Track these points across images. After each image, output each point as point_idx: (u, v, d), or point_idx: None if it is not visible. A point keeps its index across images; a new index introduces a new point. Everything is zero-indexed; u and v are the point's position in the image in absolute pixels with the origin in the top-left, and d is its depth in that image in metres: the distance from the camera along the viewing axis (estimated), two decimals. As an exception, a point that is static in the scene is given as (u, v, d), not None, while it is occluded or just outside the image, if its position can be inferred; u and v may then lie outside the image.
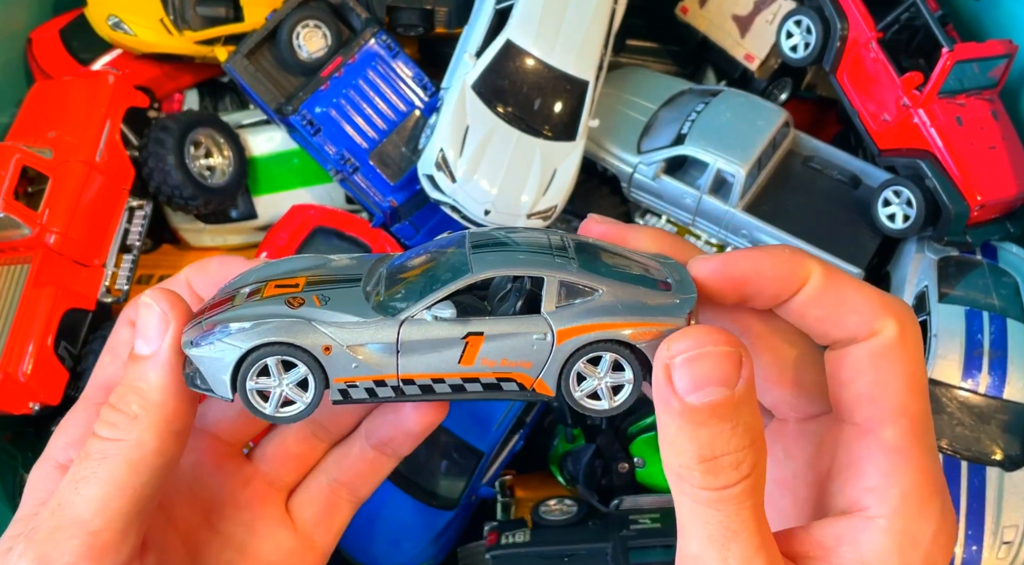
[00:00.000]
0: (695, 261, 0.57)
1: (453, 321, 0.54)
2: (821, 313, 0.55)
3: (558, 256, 0.56)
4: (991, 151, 1.39)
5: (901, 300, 0.56)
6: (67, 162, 1.41)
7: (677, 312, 0.54)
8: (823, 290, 0.55)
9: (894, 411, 0.53)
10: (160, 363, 0.57)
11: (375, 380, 0.56)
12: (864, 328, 0.54)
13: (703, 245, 1.56)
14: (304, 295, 0.57)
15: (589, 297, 0.55)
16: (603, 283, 0.55)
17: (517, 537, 1.32)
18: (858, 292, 0.55)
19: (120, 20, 1.52)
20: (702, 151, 1.45)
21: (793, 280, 0.55)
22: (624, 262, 0.58)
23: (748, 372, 0.50)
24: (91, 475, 0.56)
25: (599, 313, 0.54)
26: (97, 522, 0.55)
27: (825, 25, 1.44)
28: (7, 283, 1.37)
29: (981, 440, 1.26)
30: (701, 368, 0.49)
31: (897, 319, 0.54)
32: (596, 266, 0.56)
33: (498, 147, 1.39)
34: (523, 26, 1.39)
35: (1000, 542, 1.19)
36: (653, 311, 0.54)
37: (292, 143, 1.60)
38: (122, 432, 0.56)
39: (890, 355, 0.54)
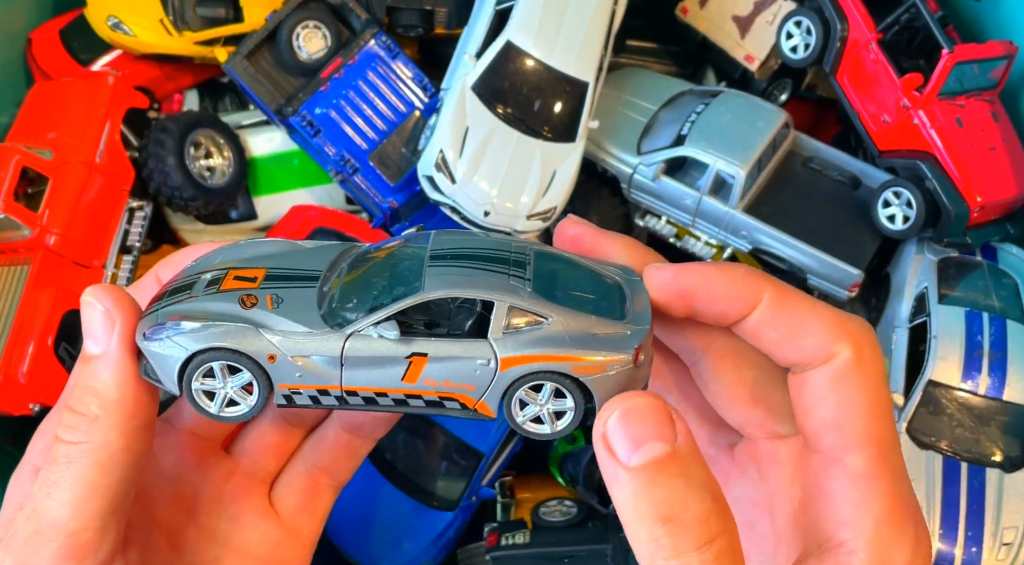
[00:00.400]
0: (649, 269, 0.57)
1: (397, 341, 0.55)
2: (776, 336, 0.54)
3: (514, 276, 0.55)
4: (991, 152, 1.39)
5: (859, 319, 0.55)
6: (67, 163, 1.41)
7: (624, 345, 0.53)
8: (776, 312, 0.54)
9: (859, 437, 0.52)
10: (112, 361, 0.56)
11: (319, 389, 0.56)
12: (820, 352, 0.53)
13: (703, 246, 1.56)
14: (259, 293, 0.57)
15: (537, 325, 0.54)
16: (554, 311, 0.54)
17: (517, 538, 1.32)
18: (813, 314, 0.54)
19: (120, 21, 1.52)
20: (702, 152, 1.45)
21: (743, 301, 0.54)
22: (584, 282, 0.57)
23: (684, 428, 0.49)
24: (61, 479, 0.56)
25: (544, 343, 0.54)
26: (74, 524, 0.55)
27: (825, 26, 1.44)
28: (7, 284, 1.37)
29: (981, 441, 1.26)
30: (634, 427, 0.49)
31: (854, 341, 0.53)
32: (551, 289, 0.55)
33: (498, 148, 1.39)
34: (523, 27, 1.39)
35: (1000, 543, 1.19)
36: (600, 344, 0.53)
37: (292, 144, 1.60)
38: (84, 434, 0.56)
39: (849, 379, 0.53)
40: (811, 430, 0.54)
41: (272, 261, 0.61)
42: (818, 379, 0.54)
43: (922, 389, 1.29)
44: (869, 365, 0.53)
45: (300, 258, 0.62)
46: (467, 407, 0.56)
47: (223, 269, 0.60)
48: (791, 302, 0.54)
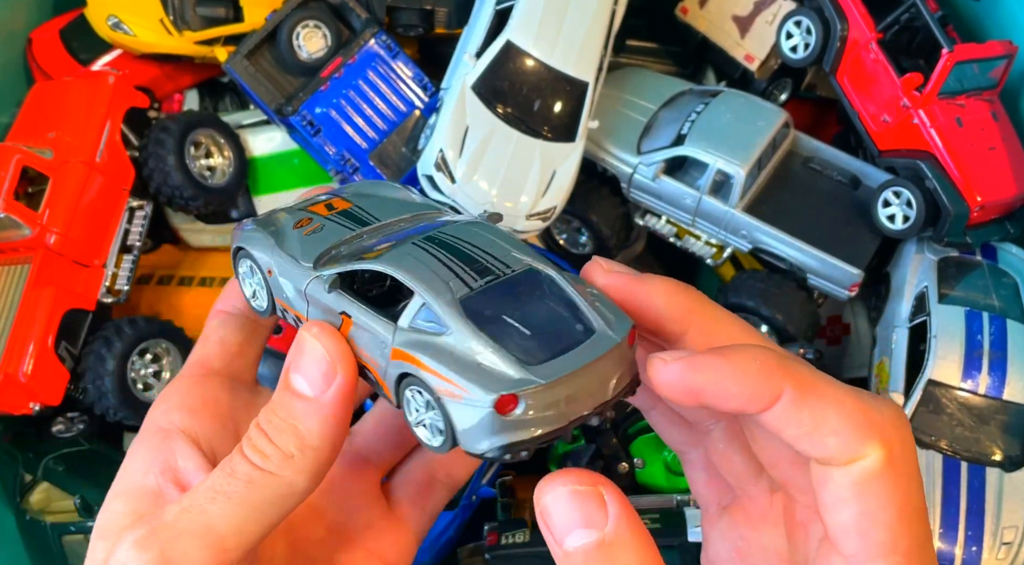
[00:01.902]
0: (653, 363, 0.51)
1: (334, 294, 0.57)
2: (796, 432, 0.50)
3: (462, 279, 0.54)
4: (991, 152, 1.39)
5: (890, 410, 0.51)
6: (67, 162, 1.41)
7: (494, 387, 0.49)
8: (797, 409, 0.49)
9: (883, 547, 0.49)
10: (324, 411, 0.55)
11: (296, 315, 0.61)
12: (844, 452, 0.49)
13: (703, 245, 1.56)
14: (317, 219, 0.63)
15: (437, 332, 0.52)
16: (458, 324, 0.51)
17: (517, 537, 1.32)
18: (838, 410, 0.49)
19: (120, 20, 1.52)
20: (702, 152, 1.45)
21: (760, 399, 0.50)
22: (540, 318, 0.54)
23: (617, 509, 0.48)
24: (235, 494, 0.54)
25: (428, 350, 0.52)
26: (231, 541, 0.54)
27: (825, 26, 1.44)
28: (7, 283, 1.37)
29: (981, 441, 1.26)
30: (562, 511, 0.48)
31: (883, 441, 0.49)
32: (488, 305, 0.53)
33: (498, 148, 1.39)
34: (523, 27, 1.39)
35: (1000, 543, 1.19)
36: (472, 373, 0.50)
37: (292, 143, 1.60)
38: (275, 467, 0.55)
39: (875, 484, 0.49)
40: (833, 531, 0.50)
41: (365, 201, 0.66)
42: (841, 480, 0.49)
43: (922, 388, 1.29)
44: (900, 467, 0.49)
45: (387, 207, 0.65)
46: (378, 382, 0.57)
47: (332, 195, 0.67)
48: (813, 397, 0.49)
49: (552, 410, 0.51)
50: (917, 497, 0.50)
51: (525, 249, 0.58)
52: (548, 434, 0.51)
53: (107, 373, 1.35)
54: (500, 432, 0.50)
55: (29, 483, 1.37)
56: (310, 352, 0.56)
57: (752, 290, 1.49)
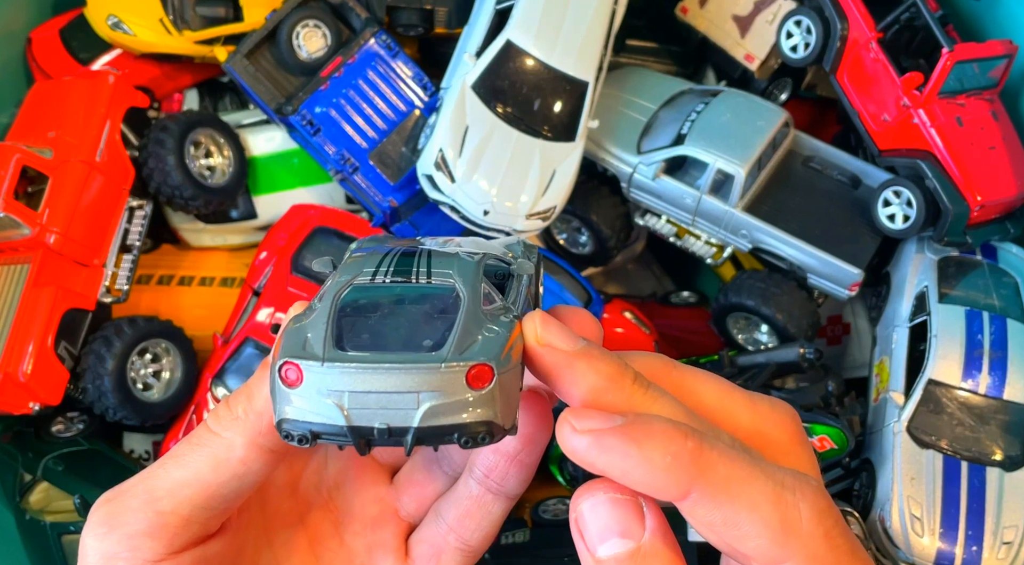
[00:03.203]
0: (562, 424, 0.50)
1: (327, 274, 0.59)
2: (712, 534, 0.48)
3: (378, 272, 0.54)
4: (991, 151, 1.38)
5: (811, 507, 0.47)
6: (67, 162, 1.41)
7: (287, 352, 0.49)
8: (707, 510, 0.47)
9: None
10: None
11: None
12: (766, 556, 0.47)
13: (703, 245, 1.56)
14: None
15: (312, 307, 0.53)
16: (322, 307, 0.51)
17: (517, 537, 1.32)
18: (752, 516, 0.46)
19: (119, 20, 1.52)
20: (702, 151, 1.45)
21: (666, 493, 0.47)
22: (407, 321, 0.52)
23: (655, 523, 0.47)
24: (182, 456, 0.56)
25: (295, 319, 0.53)
26: (165, 503, 0.55)
27: (825, 25, 1.44)
28: (7, 283, 1.37)
29: (981, 440, 1.26)
30: (600, 519, 0.48)
31: (803, 546, 0.46)
32: (371, 296, 0.52)
33: (497, 147, 1.39)
34: (523, 26, 1.39)
35: (1000, 542, 1.19)
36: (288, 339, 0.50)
37: (292, 143, 1.60)
38: (221, 427, 0.56)
39: None
40: None
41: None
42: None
43: (922, 388, 1.29)
44: (826, 560, 0.47)
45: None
46: None
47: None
48: (723, 499, 0.46)
49: (332, 400, 0.48)
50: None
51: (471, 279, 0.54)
52: (323, 426, 0.48)
53: (107, 373, 1.35)
54: (285, 406, 0.49)
55: (29, 483, 1.37)
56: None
57: (752, 290, 1.49)
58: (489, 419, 0.49)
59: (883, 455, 1.29)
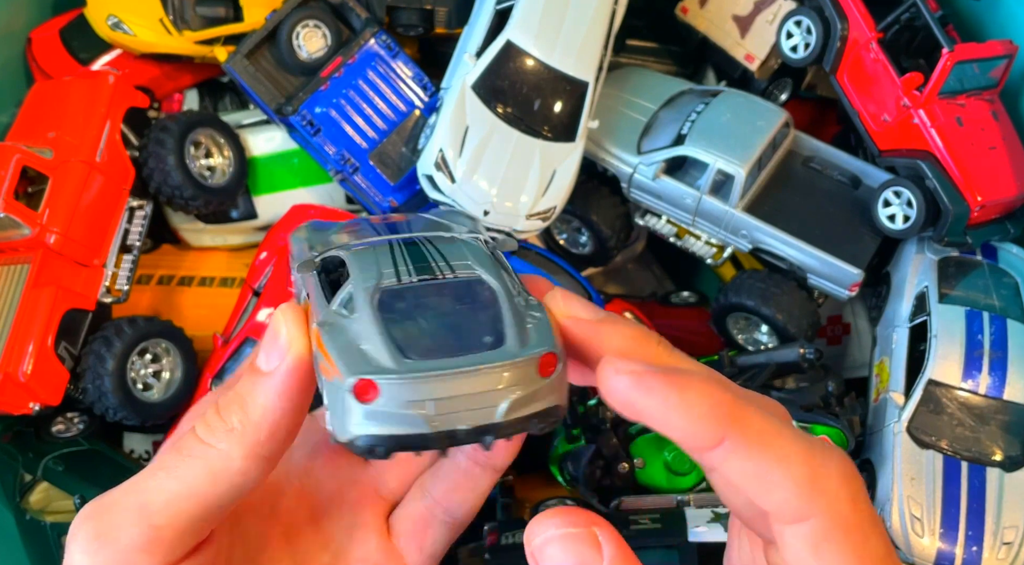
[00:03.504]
0: (604, 366, 0.49)
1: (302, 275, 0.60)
2: (741, 483, 0.48)
3: (400, 272, 0.54)
4: (991, 152, 1.38)
5: (840, 468, 0.49)
6: (67, 162, 1.41)
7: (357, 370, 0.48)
8: (739, 460, 0.48)
9: None
10: (272, 386, 0.55)
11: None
12: (790, 510, 0.48)
13: (703, 245, 1.56)
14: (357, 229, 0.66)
15: (348, 314, 0.53)
16: (364, 311, 0.51)
17: (517, 537, 1.32)
18: (783, 467, 0.47)
19: (120, 20, 1.52)
20: (702, 151, 1.45)
21: (700, 440, 0.48)
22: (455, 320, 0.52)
23: (612, 549, 0.47)
24: (173, 467, 0.55)
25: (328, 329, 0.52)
26: (161, 517, 0.54)
27: (825, 25, 1.44)
28: (7, 283, 1.37)
29: (981, 441, 1.26)
30: (556, 554, 0.47)
31: (829, 502, 0.47)
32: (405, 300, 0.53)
33: (497, 148, 1.39)
34: (523, 27, 1.39)
35: (1000, 543, 1.19)
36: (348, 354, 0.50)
37: (292, 143, 1.60)
38: (215, 439, 0.55)
39: (829, 542, 0.47)
40: None
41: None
42: (796, 541, 0.48)
43: (922, 388, 1.29)
44: (851, 522, 0.48)
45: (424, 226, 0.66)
46: None
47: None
48: (758, 449, 0.48)
49: (415, 410, 0.48)
50: (878, 545, 0.48)
51: (489, 265, 0.56)
52: (407, 437, 0.48)
53: (107, 373, 1.35)
54: (359, 422, 0.48)
55: (29, 483, 1.37)
56: (271, 329, 0.56)
57: (752, 290, 1.49)
58: (559, 403, 0.52)
59: (883, 455, 1.29)
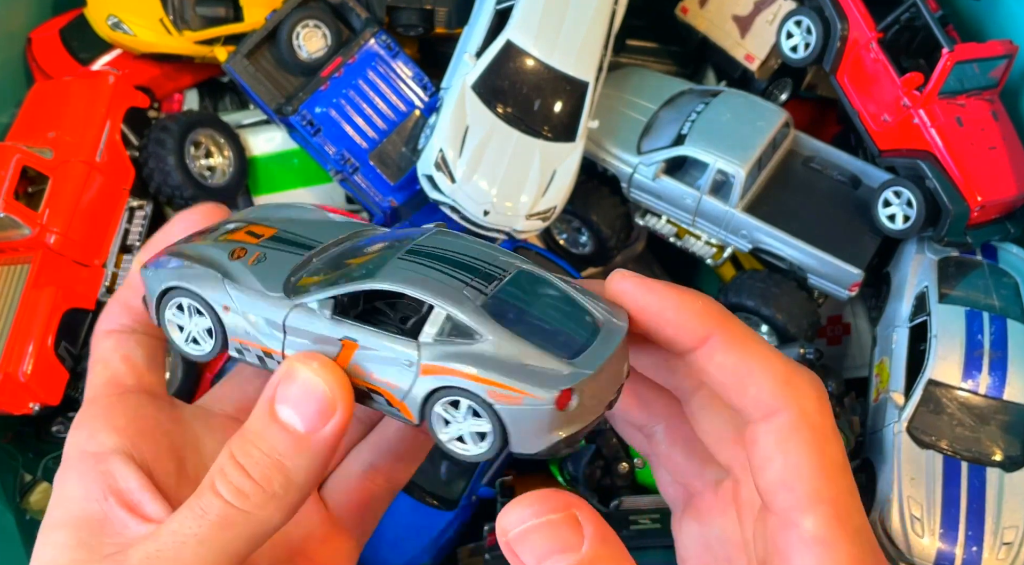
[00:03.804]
0: (614, 274, 0.57)
1: (333, 321, 0.55)
2: (722, 377, 0.53)
3: (473, 287, 0.54)
4: (991, 152, 1.38)
5: (808, 374, 0.54)
6: (67, 162, 1.41)
7: (551, 384, 0.50)
8: (724, 354, 0.53)
9: (810, 498, 0.51)
10: (318, 451, 0.54)
11: (264, 351, 0.58)
12: (763, 404, 0.52)
13: (703, 245, 1.56)
14: (251, 249, 0.60)
15: (470, 340, 0.52)
16: (493, 331, 0.52)
17: (517, 537, 1.32)
18: (761, 363, 0.53)
19: (120, 20, 1.52)
20: (702, 151, 1.45)
21: (691, 333, 0.53)
22: (552, 313, 0.55)
23: (592, 529, 0.48)
24: (207, 537, 0.52)
25: (468, 360, 0.52)
26: None
27: (825, 25, 1.44)
28: (7, 283, 1.37)
29: (981, 441, 1.26)
30: (536, 542, 0.48)
31: (798, 397, 0.52)
32: (507, 309, 0.54)
33: (497, 148, 1.39)
34: (523, 26, 1.39)
35: (1000, 543, 1.19)
36: (525, 375, 0.51)
37: (292, 143, 1.60)
38: (253, 506, 0.53)
39: (795, 438, 0.52)
40: (764, 490, 0.53)
41: (290, 225, 0.63)
42: (765, 437, 0.52)
43: (922, 388, 1.29)
44: (815, 421, 0.52)
45: (316, 228, 0.63)
46: (391, 405, 0.56)
47: (245, 221, 0.63)
48: (741, 347, 0.53)
49: (596, 399, 0.53)
50: (837, 452, 0.53)
51: (502, 250, 0.59)
52: (592, 422, 0.54)
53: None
54: (557, 428, 0.52)
55: (29, 483, 1.37)
56: (306, 385, 0.53)
57: (752, 290, 1.49)
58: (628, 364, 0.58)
59: (883, 455, 1.29)
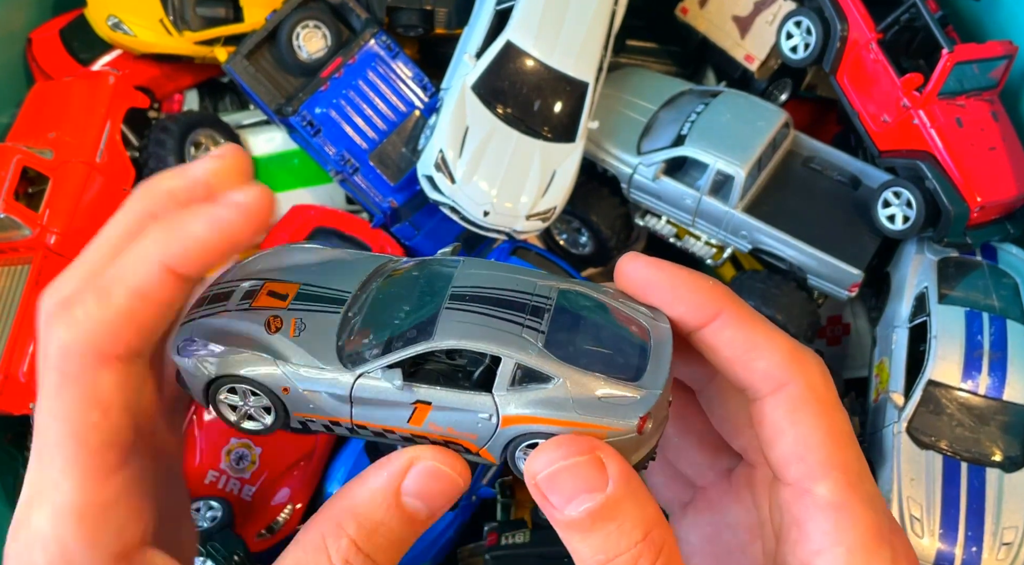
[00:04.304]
0: (625, 257, 0.59)
1: (404, 387, 0.56)
2: (729, 354, 0.55)
3: (528, 328, 0.55)
4: (991, 152, 1.38)
5: (811, 351, 0.56)
6: (67, 163, 1.41)
7: (629, 413, 0.52)
8: (732, 330, 0.55)
9: (822, 466, 0.53)
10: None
11: (331, 420, 0.58)
12: (771, 378, 0.54)
13: (703, 246, 1.56)
14: (285, 316, 0.59)
15: (543, 384, 0.54)
16: (561, 370, 0.54)
17: (517, 538, 1.32)
18: (767, 339, 0.55)
19: (120, 21, 1.52)
20: (702, 152, 1.45)
21: (701, 310, 0.55)
22: (603, 334, 0.56)
23: (616, 469, 0.50)
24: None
25: (546, 405, 0.53)
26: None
27: (825, 26, 1.44)
28: (7, 284, 1.37)
29: (981, 441, 1.26)
30: (564, 483, 0.50)
31: (803, 370, 0.54)
32: (565, 342, 0.55)
33: (497, 148, 1.39)
34: (523, 27, 1.39)
35: (1000, 543, 1.19)
36: (603, 410, 0.53)
37: (292, 143, 1.60)
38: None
39: (804, 409, 0.54)
40: (776, 462, 0.55)
41: (307, 275, 0.62)
42: (774, 411, 0.54)
43: (922, 389, 1.29)
44: (822, 393, 0.54)
45: (333, 273, 0.62)
46: (470, 451, 0.58)
47: (260, 279, 0.62)
48: (748, 324, 0.55)
49: (662, 411, 0.55)
50: (844, 422, 0.54)
51: (534, 273, 0.59)
52: (661, 436, 0.55)
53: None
54: (636, 451, 0.54)
55: (29, 483, 1.37)
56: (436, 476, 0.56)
57: (752, 290, 1.49)
58: None
59: (883, 456, 1.29)
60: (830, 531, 0.52)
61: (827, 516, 0.52)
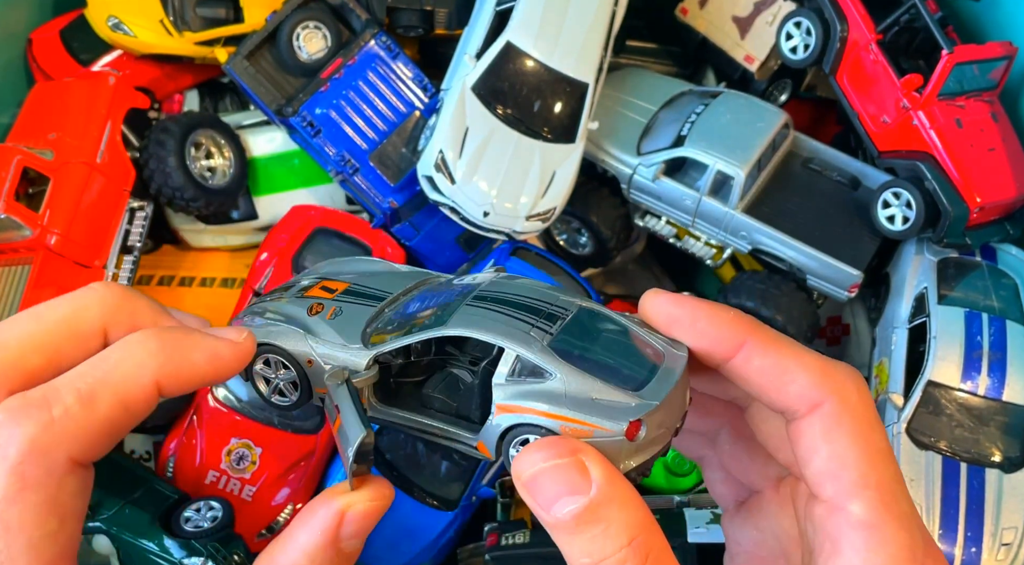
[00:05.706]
0: (648, 292, 0.60)
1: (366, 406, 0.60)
2: (761, 381, 0.56)
3: (538, 328, 0.57)
4: (991, 153, 1.39)
5: (846, 366, 0.56)
6: (68, 163, 1.41)
7: (620, 416, 0.53)
8: (759, 358, 0.55)
9: (856, 484, 0.53)
10: None
11: None
12: (805, 399, 0.54)
13: (703, 246, 1.56)
14: (327, 303, 0.65)
15: (540, 379, 0.55)
16: (561, 368, 0.55)
17: (517, 538, 1.32)
18: (797, 362, 0.55)
19: (120, 21, 1.52)
20: (702, 153, 1.45)
21: (724, 342, 0.56)
22: (614, 348, 0.58)
23: (600, 472, 0.51)
24: None
25: (539, 397, 0.55)
26: None
27: (825, 27, 1.44)
28: (8, 284, 1.37)
29: (980, 442, 1.26)
30: (546, 484, 0.51)
31: (838, 388, 0.54)
32: (572, 347, 0.56)
33: (497, 149, 1.39)
34: (523, 28, 1.39)
35: (999, 544, 1.19)
36: (595, 410, 0.54)
37: (292, 144, 1.60)
38: None
39: (839, 428, 0.54)
40: (811, 480, 0.55)
41: (361, 278, 0.68)
42: (810, 430, 0.54)
43: (921, 389, 1.29)
44: (858, 411, 0.54)
45: (385, 279, 0.68)
46: (467, 445, 0.60)
47: (319, 277, 0.69)
48: (774, 349, 0.56)
49: (663, 427, 0.55)
50: (881, 439, 0.54)
51: (563, 290, 0.62)
52: (660, 451, 0.56)
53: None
54: (628, 458, 0.54)
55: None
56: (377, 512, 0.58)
57: (752, 291, 1.49)
58: None
59: (882, 456, 1.29)
60: (861, 550, 0.52)
61: (860, 534, 0.52)
